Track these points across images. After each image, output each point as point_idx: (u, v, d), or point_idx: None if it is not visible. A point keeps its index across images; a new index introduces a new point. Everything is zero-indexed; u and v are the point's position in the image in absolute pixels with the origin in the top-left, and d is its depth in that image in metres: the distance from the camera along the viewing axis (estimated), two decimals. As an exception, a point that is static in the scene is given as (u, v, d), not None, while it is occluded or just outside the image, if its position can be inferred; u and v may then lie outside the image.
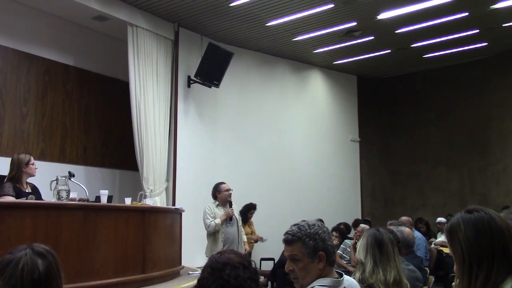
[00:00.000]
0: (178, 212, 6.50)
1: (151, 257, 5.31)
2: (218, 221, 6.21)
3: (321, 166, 11.08)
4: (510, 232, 1.63)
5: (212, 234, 6.29)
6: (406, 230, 4.39)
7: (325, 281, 2.23)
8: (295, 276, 2.28)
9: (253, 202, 8.50)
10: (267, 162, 9.99)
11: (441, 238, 8.89)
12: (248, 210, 8.32)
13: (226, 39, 9.24)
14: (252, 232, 8.40)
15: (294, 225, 2.34)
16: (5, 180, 4.90)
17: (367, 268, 2.87)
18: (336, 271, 2.35)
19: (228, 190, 6.46)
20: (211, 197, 6.57)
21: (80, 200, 5.01)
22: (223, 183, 6.60)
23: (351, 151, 11.93)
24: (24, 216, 4.25)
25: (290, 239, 2.28)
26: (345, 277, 2.35)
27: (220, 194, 6.44)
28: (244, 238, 7.02)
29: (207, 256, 6.26)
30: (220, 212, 6.32)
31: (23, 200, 4.56)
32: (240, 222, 6.65)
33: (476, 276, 1.59)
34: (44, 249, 1.70)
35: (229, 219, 6.35)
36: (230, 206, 6.44)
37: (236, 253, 1.74)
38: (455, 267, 1.68)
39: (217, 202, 6.44)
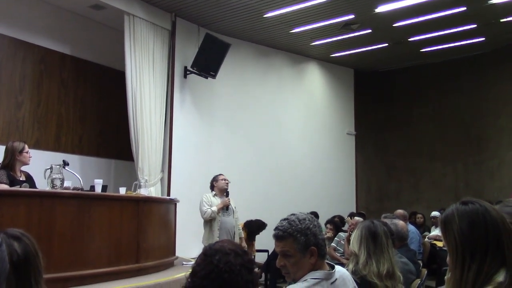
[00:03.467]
0: (173, 203, 6.51)
1: (145, 247, 5.32)
2: (214, 209, 6.27)
3: (316, 159, 11.08)
4: (504, 225, 1.63)
5: (209, 222, 6.37)
6: (400, 223, 4.40)
7: (317, 273, 2.23)
8: (287, 271, 2.27)
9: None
10: (262, 154, 9.98)
11: (435, 232, 8.92)
12: (259, 229, 8.20)
13: (223, 30, 9.21)
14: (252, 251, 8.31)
15: (284, 219, 2.30)
16: (-1, 168, 4.89)
17: (361, 259, 2.88)
18: (328, 263, 2.34)
19: (224, 179, 6.54)
20: (209, 188, 6.64)
21: (74, 189, 5.00)
22: (221, 174, 6.67)
23: (347, 145, 11.94)
24: (18, 204, 4.24)
25: (281, 235, 2.25)
26: (337, 268, 2.35)
27: (217, 183, 6.54)
28: (241, 233, 7.04)
29: (204, 244, 6.30)
30: (217, 201, 6.40)
31: (17, 188, 4.55)
32: (237, 215, 6.68)
33: (468, 267, 1.59)
34: (19, 232, 1.71)
35: (225, 208, 6.40)
36: (227, 196, 6.48)
37: (231, 242, 1.75)
38: (448, 258, 1.68)
39: (214, 192, 6.49)
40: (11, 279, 1.56)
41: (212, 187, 6.60)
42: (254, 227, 8.08)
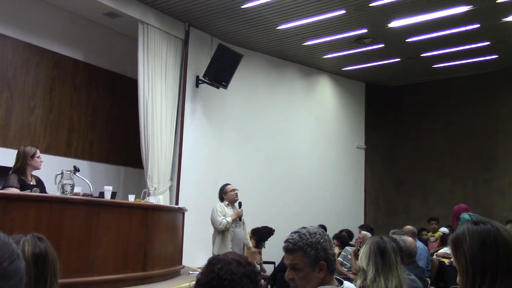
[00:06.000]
0: (181, 211, 6.50)
1: (152, 255, 5.31)
2: (229, 219, 6.22)
3: (326, 172, 11.06)
4: (515, 246, 1.62)
5: (221, 233, 6.29)
6: (409, 239, 4.37)
7: None
8: (295, 284, 2.26)
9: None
10: (272, 165, 9.98)
11: (444, 249, 8.83)
12: (268, 235, 8.19)
13: (236, 40, 9.25)
14: (260, 262, 8.31)
15: (295, 232, 2.29)
16: (10, 172, 4.92)
17: (369, 275, 2.85)
18: (337, 278, 2.33)
19: (233, 190, 6.48)
20: (218, 200, 6.57)
21: (84, 195, 5.02)
22: (228, 184, 6.61)
23: (356, 158, 11.91)
24: (28, 208, 4.26)
25: (291, 248, 2.24)
26: (345, 284, 2.33)
27: (226, 195, 6.46)
28: (249, 244, 6.99)
29: (215, 254, 6.25)
30: (230, 211, 6.33)
31: (27, 192, 4.58)
32: (245, 226, 6.65)
33: (479, 288, 1.58)
34: (42, 235, 1.81)
35: (238, 219, 6.36)
36: (240, 206, 6.44)
37: (236, 253, 1.77)
38: (458, 278, 1.67)
39: (226, 202, 6.44)
40: (31, 271, 1.64)
41: (221, 199, 6.53)
42: (263, 234, 8.08)
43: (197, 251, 7.50)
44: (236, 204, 6.49)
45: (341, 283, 2.31)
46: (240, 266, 1.65)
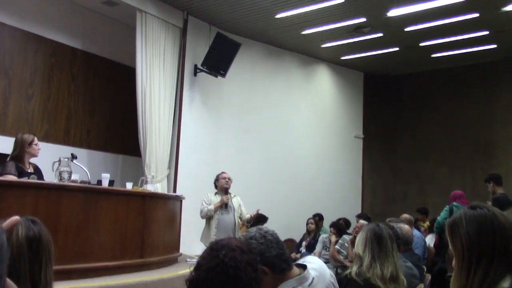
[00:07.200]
0: (179, 199, 6.52)
1: (149, 243, 5.33)
2: (211, 207, 6.23)
3: (323, 161, 11.07)
4: (512, 231, 1.62)
5: (208, 221, 6.33)
6: (405, 227, 4.38)
7: (289, 283, 2.16)
8: None
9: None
10: (270, 154, 9.98)
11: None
12: (259, 222, 8.20)
13: (234, 29, 9.21)
14: None
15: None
16: (8, 159, 4.92)
17: (365, 262, 2.87)
18: (299, 264, 2.29)
19: (225, 178, 6.48)
20: (214, 187, 6.60)
21: (81, 182, 5.02)
22: (223, 172, 6.63)
23: (354, 148, 11.92)
24: (25, 195, 4.27)
25: None
26: (310, 265, 2.29)
27: (218, 182, 6.49)
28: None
29: (201, 241, 6.31)
30: (217, 200, 6.35)
31: (24, 179, 4.58)
32: (238, 212, 6.59)
33: (474, 272, 1.58)
34: (35, 218, 1.79)
35: (224, 206, 6.36)
36: (226, 193, 6.44)
37: (237, 240, 1.75)
38: (453, 261, 1.67)
39: (216, 191, 6.47)
40: (25, 254, 1.64)
41: (215, 186, 6.57)
42: (254, 220, 8.08)
43: (194, 239, 7.49)
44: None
45: (304, 268, 2.27)
46: (243, 254, 1.64)
